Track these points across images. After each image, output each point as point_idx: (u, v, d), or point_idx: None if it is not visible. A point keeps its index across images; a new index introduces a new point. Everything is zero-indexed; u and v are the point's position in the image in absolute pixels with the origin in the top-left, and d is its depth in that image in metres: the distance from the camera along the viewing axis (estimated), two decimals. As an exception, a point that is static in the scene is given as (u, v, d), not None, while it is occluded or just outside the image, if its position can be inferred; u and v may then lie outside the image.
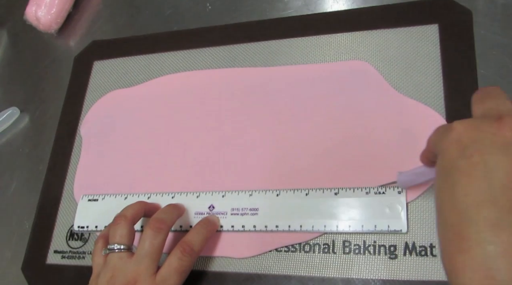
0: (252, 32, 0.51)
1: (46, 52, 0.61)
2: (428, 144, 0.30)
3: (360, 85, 0.44)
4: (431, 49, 0.43)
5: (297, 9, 0.51)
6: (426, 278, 0.36)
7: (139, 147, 0.49)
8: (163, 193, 0.45)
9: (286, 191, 0.42)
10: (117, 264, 0.37)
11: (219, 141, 0.46)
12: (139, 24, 0.58)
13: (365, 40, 0.46)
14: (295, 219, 0.40)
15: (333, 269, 0.39)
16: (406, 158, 0.40)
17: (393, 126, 0.41)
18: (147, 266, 0.37)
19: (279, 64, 0.48)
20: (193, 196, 0.44)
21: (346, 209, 0.39)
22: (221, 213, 0.42)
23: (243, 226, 0.41)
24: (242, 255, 0.41)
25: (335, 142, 0.42)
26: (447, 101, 0.41)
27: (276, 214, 0.41)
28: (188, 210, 0.44)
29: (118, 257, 0.38)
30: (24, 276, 0.47)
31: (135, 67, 0.54)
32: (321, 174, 0.42)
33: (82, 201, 0.48)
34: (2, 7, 0.68)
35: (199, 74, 0.51)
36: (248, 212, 0.42)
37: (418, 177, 0.35)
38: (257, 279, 0.40)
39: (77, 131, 0.53)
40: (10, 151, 0.57)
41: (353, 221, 0.39)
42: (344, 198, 0.40)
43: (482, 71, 0.41)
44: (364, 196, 0.39)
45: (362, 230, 0.38)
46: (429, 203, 0.38)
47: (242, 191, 0.43)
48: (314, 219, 0.40)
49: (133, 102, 0.52)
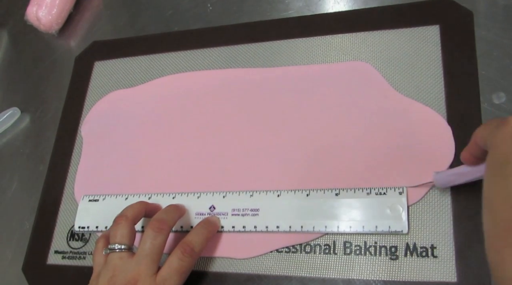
0: (253, 32, 0.51)
1: (46, 52, 0.61)
2: (475, 139, 0.29)
3: (361, 86, 0.44)
4: (432, 50, 0.43)
5: (298, 10, 0.51)
6: (427, 279, 0.36)
7: (139, 147, 0.49)
8: (163, 194, 0.45)
9: (287, 192, 0.41)
10: (117, 264, 0.37)
11: (220, 142, 0.46)
12: (140, 25, 0.58)
13: (366, 41, 0.46)
14: (296, 219, 0.40)
15: (334, 270, 0.39)
16: (407, 159, 0.40)
17: (394, 127, 0.41)
18: (147, 266, 0.37)
19: (280, 65, 0.48)
20: (194, 197, 0.44)
21: (347, 209, 0.39)
22: (222, 214, 0.42)
23: (244, 227, 0.41)
24: (243, 256, 0.41)
25: (336, 143, 0.42)
26: (448, 102, 0.41)
27: (277, 214, 0.41)
28: (188, 210, 0.44)
29: (118, 257, 0.38)
30: (24, 277, 0.47)
31: (136, 68, 0.54)
32: (322, 175, 0.42)
33: (82, 202, 0.48)
34: (2, 7, 0.68)
35: (200, 75, 0.51)
36: (249, 213, 0.42)
37: (459, 178, 0.35)
38: (258, 279, 0.40)
39: (77, 132, 0.53)
40: (11, 152, 0.57)
41: (354, 222, 0.39)
42: (345, 199, 0.40)
43: (483, 72, 0.41)
44: (365, 196, 0.39)
45: (363, 230, 0.38)
46: (430, 204, 0.38)
47: (243, 192, 0.43)
48: (315, 219, 0.40)
49: (134, 103, 0.52)
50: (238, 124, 0.46)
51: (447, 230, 0.37)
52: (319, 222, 0.40)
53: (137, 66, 0.54)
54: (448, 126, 0.40)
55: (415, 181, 0.39)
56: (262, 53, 0.49)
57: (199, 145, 0.47)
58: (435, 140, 0.40)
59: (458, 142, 0.39)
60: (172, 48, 0.53)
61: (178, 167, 0.46)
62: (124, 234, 0.38)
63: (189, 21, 0.55)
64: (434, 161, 0.39)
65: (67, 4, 0.60)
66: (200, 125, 0.48)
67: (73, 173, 0.51)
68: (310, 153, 0.43)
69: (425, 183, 0.38)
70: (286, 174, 0.43)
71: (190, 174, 0.46)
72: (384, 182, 0.40)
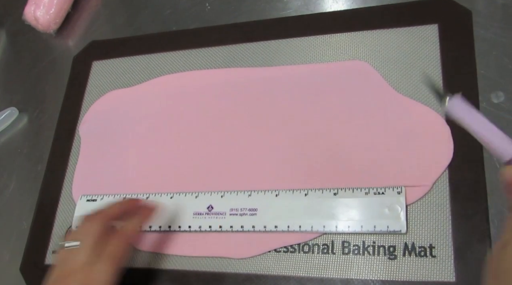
0: (251, 32, 0.50)
1: (45, 52, 0.61)
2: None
3: (360, 85, 0.44)
4: (431, 49, 0.43)
5: (297, 9, 0.51)
6: (425, 279, 0.36)
7: (137, 146, 0.49)
8: (161, 193, 0.45)
9: (285, 192, 0.41)
10: (68, 257, 0.37)
11: (218, 141, 0.46)
12: (138, 24, 0.58)
13: (365, 40, 0.46)
14: (294, 219, 0.40)
15: (332, 269, 0.38)
16: (405, 158, 0.40)
17: (392, 126, 0.41)
18: (86, 254, 0.36)
19: (278, 64, 0.48)
20: (192, 196, 0.44)
21: (345, 209, 0.39)
22: (220, 214, 0.42)
23: (242, 227, 0.41)
24: (241, 256, 0.41)
25: (334, 142, 0.42)
26: (447, 101, 0.41)
27: (275, 214, 0.41)
28: (186, 210, 0.43)
29: (69, 251, 0.37)
30: (22, 277, 0.47)
31: (134, 67, 0.54)
32: (321, 174, 0.41)
33: (80, 201, 0.47)
34: (0, 7, 0.68)
35: (197, 74, 0.51)
36: (247, 213, 0.42)
37: (471, 118, 0.29)
38: (256, 279, 0.40)
39: (75, 131, 0.53)
40: (9, 151, 0.57)
41: (352, 222, 0.39)
42: (343, 199, 0.40)
43: (482, 71, 0.41)
44: (363, 196, 0.39)
45: (362, 230, 0.38)
46: (429, 203, 0.38)
47: (241, 191, 0.43)
48: (313, 219, 0.40)
49: (132, 102, 0.52)
50: (236, 123, 0.46)
51: (445, 230, 0.37)
52: (317, 221, 0.39)
53: (135, 66, 0.54)
54: (447, 126, 0.39)
55: (414, 180, 0.39)
56: (260, 52, 0.49)
57: (197, 144, 0.47)
58: (434, 140, 0.40)
59: (456, 142, 0.39)
60: (170, 47, 0.53)
61: (176, 166, 0.46)
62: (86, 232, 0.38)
63: (187, 21, 0.55)
64: (432, 160, 0.39)
65: (65, 3, 0.60)
66: (198, 124, 0.48)
67: (71, 173, 0.50)
68: (308, 152, 0.43)
69: (423, 184, 0.38)
70: (284, 173, 0.43)
71: (189, 173, 0.46)
72: (383, 181, 0.39)
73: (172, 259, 0.43)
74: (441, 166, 0.38)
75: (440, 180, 0.38)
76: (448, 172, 0.38)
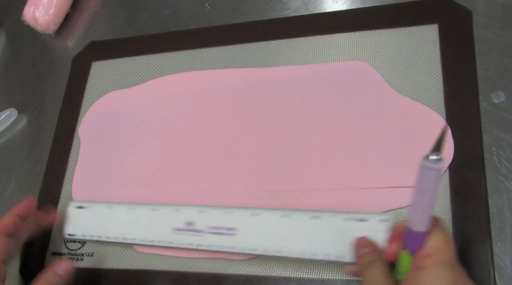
0: (251, 32, 0.50)
1: (44, 53, 0.61)
2: None
3: (359, 86, 0.44)
4: (431, 49, 0.43)
5: (296, 9, 0.51)
6: (426, 280, 0.36)
7: (137, 147, 0.49)
8: (144, 204, 0.44)
9: (267, 211, 0.39)
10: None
11: (218, 141, 0.46)
12: (137, 25, 0.58)
13: (365, 40, 0.46)
14: (273, 242, 0.38)
15: (333, 270, 0.38)
16: (405, 159, 0.39)
17: (392, 126, 0.41)
18: None
19: (278, 65, 0.48)
20: (172, 209, 0.42)
21: (325, 236, 0.37)
22: (199, 231, 0.41)
23: (221, 246, 0.40)
24: (241, 257, 0.41)
25: (334, 143, 0.42)
26: (447, 102, 0.41)
27: (255, 237, 0.39)
28: (165, 225, 0.42)
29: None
30: (21, 278, 0.47)
31: (133, 68, 0.54)
32: (320, 175, 0.41)
33: (70, 209, 0.46)
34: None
35: (197, 75, 0.50)
36: (225, 232, 0.40)
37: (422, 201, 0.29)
38: (257, 281, 0.40)
39: (75, 132, 0.52)
40: (8, 153, 0.56)
41: (334, 249, 0.36)
42: (324, 223, 0.37)
43: (482, 71, 0.41)
44: (342, 221, 0.37)
45: (345, 260, 0.36)
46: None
47: (223, 207, 0.41)
48: (294, 243, 0.38)
49: (131, 103, 0.52)
50: (236, 124, 0.46)
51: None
52: (297, 246, 0.37)
53: (135, 66, 0.54)
54: (447, 126, 0.39)
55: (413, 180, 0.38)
56: (259, 53, 0.49)
57: (197, 144, 0.47)
58: (434, 140, 0.39)
59: (457, 142, 0.39)
60: (169, 48, 0.53)
61: (176, 166, 0.46)
62: None
63: (186, 21, 0.55)
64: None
65: (64, 4, 0.60)
66: (198, 125, 0.47)
67: (70, 174, 0.50)
68: (308, 152, 0.42)
69: None
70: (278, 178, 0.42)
71: (188, 173, 0.45)
72: (383, 182, 0.39)
73: (172, 260, 0.43)
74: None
75: (440, 181, 0.38)
76: (449, 173, 0.38)
